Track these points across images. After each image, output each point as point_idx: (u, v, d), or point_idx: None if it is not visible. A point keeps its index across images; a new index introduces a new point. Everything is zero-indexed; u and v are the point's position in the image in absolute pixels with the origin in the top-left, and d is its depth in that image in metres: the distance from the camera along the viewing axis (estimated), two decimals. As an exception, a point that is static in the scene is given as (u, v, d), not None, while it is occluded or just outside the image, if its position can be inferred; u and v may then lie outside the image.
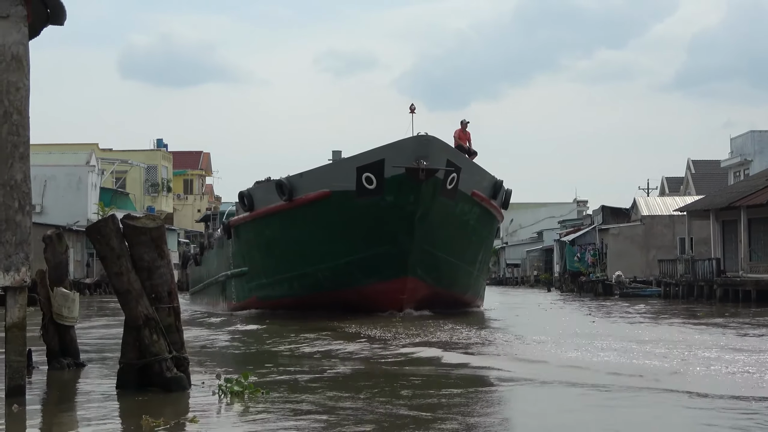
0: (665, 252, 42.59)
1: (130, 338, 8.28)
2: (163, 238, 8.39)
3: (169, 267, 8.46)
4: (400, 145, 21.79)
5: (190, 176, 70.77)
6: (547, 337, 15.89)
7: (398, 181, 21.76)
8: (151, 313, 8.21)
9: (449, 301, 24.84)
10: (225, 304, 28.68)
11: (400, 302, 22.88)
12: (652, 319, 22.46)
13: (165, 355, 8.24)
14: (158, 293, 8.32)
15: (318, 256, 23.29)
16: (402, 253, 22.41)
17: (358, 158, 22.35)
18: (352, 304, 23.10)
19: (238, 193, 25.64)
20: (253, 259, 25.59)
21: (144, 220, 8.45)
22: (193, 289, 39.70)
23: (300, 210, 23.23)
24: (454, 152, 22.78)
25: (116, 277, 8.28)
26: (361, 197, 22.17)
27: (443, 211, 22.69)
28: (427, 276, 23.33)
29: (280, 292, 24.82)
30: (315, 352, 14.03)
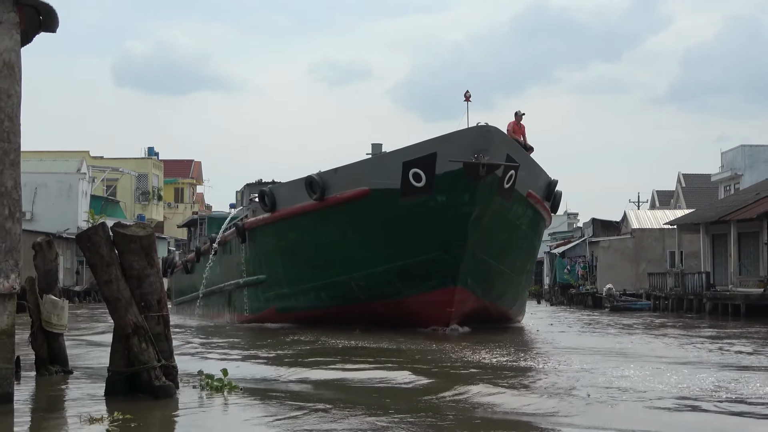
0: (655, 265, 40.96)
1: (119, 346, 8.01)
2: (153, 247, 8.14)
3: (158, 275, 8.15)
4: (456, 137, 17.91)
5: (181, 185, 67.55)
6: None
7: (452, 178, 17.96)
8: (141, 321, 7.94)
9: (495, 316, 20.96)
10: (232, 316, 24.56)
11: (446, 316, 18.92)
12: (711, 339, 17.80)
13: (154, 363, 7.96)
14: (148, 302, 8.08)
15: (352, 263, 19.35)
16: (452, 260, 18.51)
17: (405, 152, 18.36)
18: (389, 318, 19.23)
19: (258, 192, 21.50)
20: (273, 266, 21.49)
21: (134, 228, 8.15)
22: (179, 298, 35.10)
23: (333, 210, 19.27)
24: (515, 146, 18.92)
25: (106, 285, 8.03)
26: (407, 196, 18.23)
27: (498, 213, 18.95)
28: (476, 287, 19.47)
29: (305, 303, 20.77)
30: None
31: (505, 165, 18.10)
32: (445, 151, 17.85)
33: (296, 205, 20.08)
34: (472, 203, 18.06)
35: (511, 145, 18.56)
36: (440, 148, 17.91)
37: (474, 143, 17.67)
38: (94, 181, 53.07)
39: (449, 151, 17.80)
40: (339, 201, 19.18)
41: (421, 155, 18.06)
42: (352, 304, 19.69)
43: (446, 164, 17.85)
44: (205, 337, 18.66)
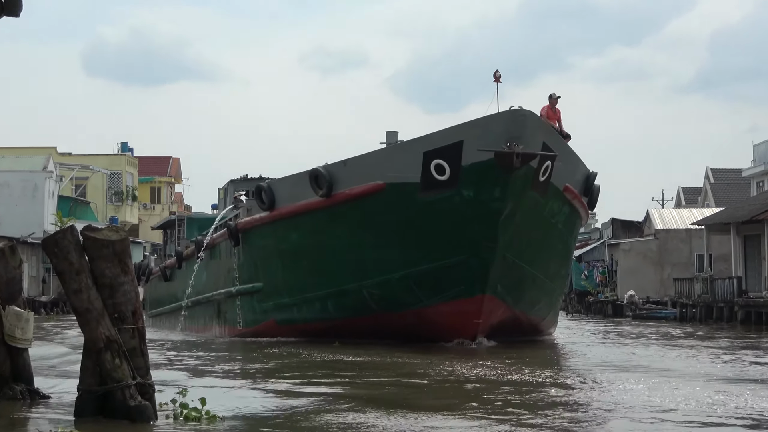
0: (681, 269, 40.57)
1: (89, 362, 7.96)
2: (127, 252, 8.12)
3: (133, 284, 8.15)
4: (485, 123, 17.23)
5: (158, 184, 66.77)
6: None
7: (481, 169, 17.27)
8: (114, 334, 7.93)
9: (526, 328, 20.28)
10: (222, 329, 23.88)
11: (473, 329, 18.25)
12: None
13: (128, 381, 7.91)
14: (121, 313, 8.02)
15: (364, 269, 18.73)
16: (480, 264, 17.82)
17: (426, 140, 17.68)
18: (406, 331, 18.61)
19: (255, 187, 20.70)
20: (271, 272, 20.81)
21: (106, 231, 8.14)
22: (156, 310, 34.39)
23: (341, 208, 18.65)
24: (552, 133, 18.20)
25: (75, 295, 7.99)
26: (428, 191, 17.62)
27: (532, 210, 18.28)
28: (507, 295, 18.77)
29: (309, 315, 20.10)
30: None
31: (541, 155, 17.45)
32: (472, 139, 17.23)
33: (299, 203, 19.48)
34: (503, 199, 17.46)
35: (547, 132, 17.94)
36: (467, 136, 17.29)
37: (506, 130, 17.02)
38: (61, 180, 52.79)
39: (478, 139, 17.18)
40: (349, 197, 18.59)
41: (444, 144, 17.46)
42: (364, 316, 19.05)
43: (474, 154, 17.22)
44: (189, 353, 18.15)
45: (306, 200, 19.18)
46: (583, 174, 19.97)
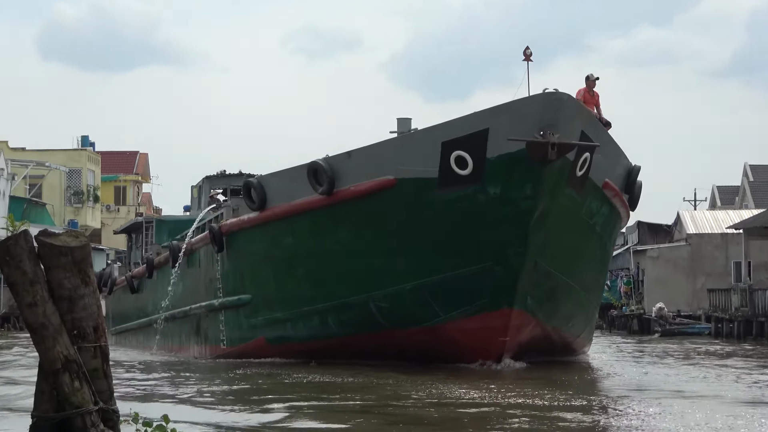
0: (716, 279, 40.46)
1: (45, 385, 7.79)
2: (88, 260, 7.90)
3: (95, 296, 7.91)
4: (516, 108, 16.47)
5: (123, 183, 66.72)
6: None
7: (510, 162, 16.61)
8: (73, 354, 7.72)
9: (558, 347, 19.64)
10: (202, 348, 23.13)
11: (498, 348, 17.60)
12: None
13: (89, 407, 7.69)
14: (81, 329, 7.80)
15: (371, 278, 18.12)
16: (508, 272, 17.20)
17: (445, 129, 16.97)
18: (420, 350, 18.08)
19: (243, 183, 19.89)
20: (261, 282, 20.10)
21: (64, 237, 7.88)
22: (121, 326, 33.63)
23: (345, 208, 18.04)
24: (591, 120, 17.45)
25: (29, 309, 7.78)
26: (447, 188, 17.04)
27: (567, 209, 17.61)
28: (538, 309, 18.09)
29: (306, 332, 19.44)
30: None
31: (580, 145, 16.69)
32: (500, 127, 16.43)
33: (295, 201, 18.73)
34: (535, 196, 16.74)
35: (587, 119, 17.14)
36: (493, 123, 16.49)
37: (540, 116, 16.22)
38: (13, 179, 52.30)
39: (506, 127, 16.37)
40: (354, 195, 17.86)
41: (467, 133, 16.69)
42: (371, 333, 18.36)
43: (502, 144, 16.46)
44: (162, 377, 17.65)
45: (303, 198, 18.50)
46: (625, 168, 19.29)
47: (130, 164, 68.63)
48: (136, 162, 69.12)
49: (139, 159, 69.79)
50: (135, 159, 69.37)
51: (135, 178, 68.20)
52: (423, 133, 17.43)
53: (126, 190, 67.12)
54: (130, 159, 69.09)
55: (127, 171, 67.56)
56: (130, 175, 67.68)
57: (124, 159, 68.58)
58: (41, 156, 58.31)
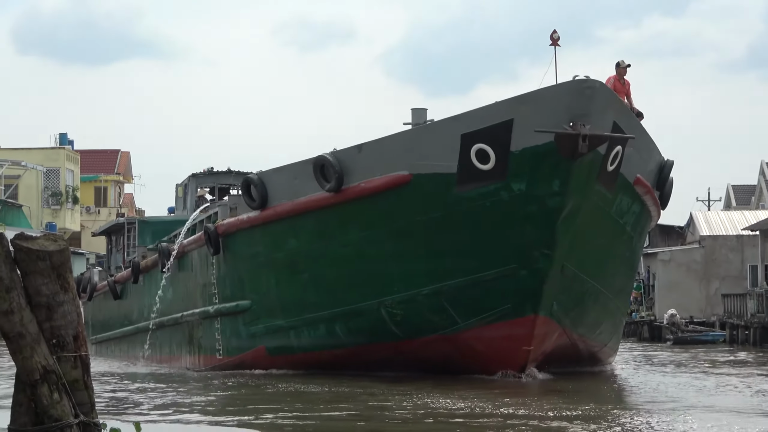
0: (731, 284, 40.61)
1: (23, 397, 7.74)
2: (67, 265, 7.80)
3: (75, 303, 7.83)
4: (543, 97, 16.03)
5: (104, 183, 66.06)
6: None
7: (536, 156, 16.15)
8: (52, 364, 7.69)
9: (584, 357, 19.23)
10: (196, 359, 22.67)
11: (522, 358, 17.16)
12: None
13: (69, 419, 7.61)
14: (60, 338, 7.76)
15: (383, 283, 17.66)
16: (533, 276, 16.75)
17: (464, 120, 16.50)
18: (436, 361, 17.66)
19: (243, 180, 19.40)
20: (262, 287, 19.62)
21: (42, 241, 7.87)
22: (103, 334, 33.15)
23: (355, 206, 17.55)
24: (624, 110, 16.97)
25: (5, 317, 7.69)
26: (467, 184, 16.58)
27: (597, 207, 17.17)
28: (564, 316, 17.65)
29: (310, 341, 18.99)
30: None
31: (612, 137, 16.23)
32: (525, 118, 15.96)
33: (300, 199, 18.22)
34: (563, 193, 16.24)
35: (619, 109, 16.68)
36: (518, 114, 16.03)
37: (570, 105, 15.75)
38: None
39: (532, 118, 15.91)
40: (364, 192, 17.36)
41: (489, 124, 16.21)
42: (383, 342, 17.93)
43: (527, 136, 15.98)
44: (150, 389, 17.14)
45: (308, 196, 18.00)
46: (657, 163, 18.84)
47: (111, 163, 68.31)
48: (117, 161, 68.83)
49: (121, 158, 69.46)
50: (116, 158, 69.04)
51: (116, 178, 67.84)
52: (441, 125, 16.96)
53: (107, 191, 66.75)
54: (111, 158, 68.77)
55: (107, 171, 67.19)
56: (111, 175, 67.30)
57: (105, 158, 68.25)
58: (17, 155, 58.09)
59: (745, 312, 35.73)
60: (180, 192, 32.16)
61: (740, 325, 35.78)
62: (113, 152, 69.29)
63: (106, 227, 37.20)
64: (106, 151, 68.93)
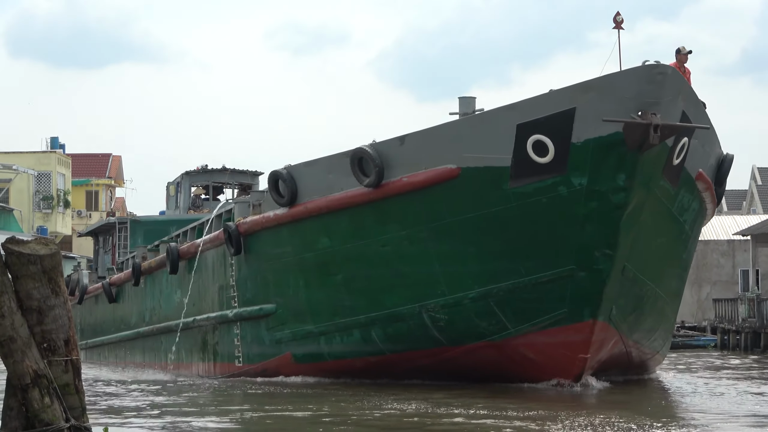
0: (722, 289, 40.33)
1: (14, 402, 7.76)
2: (58, 269, 7.90)
3: (66, 307, 7.82)
4: (610, 84, 14.31)
5: (95, 187, 64.69)
6: None
7: (601, 148, 14.41)
8: (43, 368, 7.70)
9: (635, 364, 17.56)
10: (210, 366, 20.80)
11: (578, 366, 15.39)
12: None
13: (60, 423, 7.68)
14: (51, 342, 7.74)
15: (425, 286, 15.99)
16: (593, 279, 15.01)
17: (520, 109, 14.80)
18: (483, 369, 15.99)
19: (269, 174, 17.45)
20: (289, 290, 17.81)
21: (33, 245, 7.94)
22: (95, 339, 31.19)
23: (396, 202, 15.84)
24: (693, 99, 15.31)
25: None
26: (523, 178, 14.92)
27: (660, 204, 15.56)
28: (622, 321, 15.93)
29: (343, 347, 17.24)
30: None
31: (685, 128, 14.65)
32: (589, 106, 14.25)
33: (333, 195, 16.50)
34: (628, 189, 14.53)
35: (689, 97, 15.00)
36: (581, 102, 14.31)
37: (639, 93, 14.05)
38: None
39: (597, 106, 14.19)
40: (407, 188, 15.62)
41: (548, 113, 14.51)
42: (424, 349, 16.21)
43: (590, 126, 14.28)
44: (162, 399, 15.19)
45: (344, 192, 16.24)
46: (717, 156, 17.25)
47: (103, 167, 66.96)
48: (108, 165, 67.59)
49: (112, 162, 68.26)
50: (108, 162, 67.80)
51: (108, 182, 66.57)
52: (494, 114, 15.22)
53: (98, 195, 65.46)
54: (102, 162, 67.47)
55: (99, 174, 65.84)
56: (103, 179, 66.02)
57: (96, 162, 66.87)
58: (8, 158, 56.30)
59: (736, 317, 35.29)
60: (172, 191, 30.25)
61: (731, 330, 35.28)
62: (105, 156, 68.33)
63: (93, 227, 35.33)
64: (98, 155, 67.86)
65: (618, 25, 14.78)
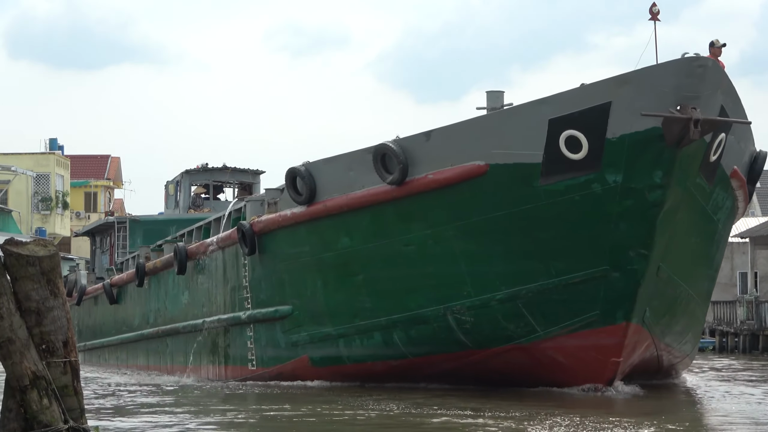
0: (720, 291, 39.13)
1: (12, 403, 7.76)
2: (57, 271, 7.90)
3: (65, 309, 7.82)
4: (647, 76, 13.59)
5: (93, 188, 63.98)
6: None
7: (637, 143, 13.67)
8: (41, 369, 7.65)
9: (664, 368, 16.82)
10: (220, 369, 19.98)
11: (610, 371, 14.66)
12: None
13: (59, 425, 7.67)
14: (50, 343, 7.74)
15: (451, 286, 15.24)
16: (626, 280, 14.28)
17: (553, 103, 14.06)
18: (510, 373, 15.24)
19: (287, 171, 16.66)
20: (307, 291, 17.05)
21: (32, 246, 7.94)
22: (94, 341, 30.35)
23: (421, 201, 15.11)
24: (731, 92, 14.62)
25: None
26: (554, 175, 14.15)
27: (696, 202, 14.90)
28: (655, 323, 15.22)
29: (363, 351, 16.49)
30: None
31: (726, 122, 13.97)
32: (625, 100, 13.52)
33: (354, 193, 15.76)
34: (665, 186, 13.81)
35: (727, 91, 14.32)
36: (617, 96, 13.57)
37: (679, 86, 13.34)
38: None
39: (634, 100, 13.47)
40: (432, 185, 14.88)
41: (582, 108, 13.76)
42: (448, 352, 15.46)
43: (626, 121, 13.55)
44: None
45: (365, 189, 15.50)
46: (751, 153, 16.54)
47: (101, 169, 66.19)
48: (107, 167, 66.81)
49: (111, 163, 67.49)
50: (106, 163, 67.05)
51: (106, 183, 65.72)
52: (524, 109, 14.46)
53: (97, 197, 64.60)
54: (101, 163, 66.70)
55: (98, 176, 65.15)
56: (101, 180, 65.26)
57: (95, 163, 66.15)
58: (7, 160, 55.65)
59: (734, 319, 35.09)
60: (171, 190, 29.40)
61: (729, 332, 35.06)
62: (103, 158, 67.65)
63: (90, 227, 34.43)
64: (97, 157, 67.18)
65: (654, 17, 14.04)
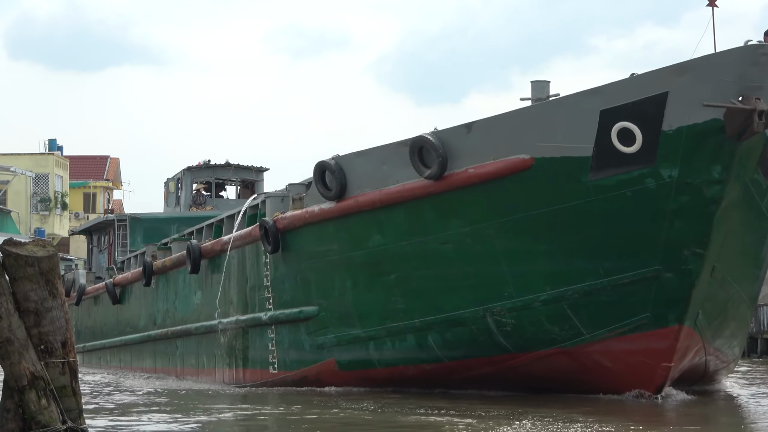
0: None
1: (11, 403, 7.68)
2: (56, 271, 7.85)
3: (63, 309, 7.76)
4: (707, 65, 12.37)
5: (93, 189, 63.52)
6: None
7: (696, 136, 12.50)
8: (40, 370, 7.58)
9: (709, 374, 15.48)
10: (237, 373, 18.71)
11: (660, 376, 13.42)
12: None
13: (57, 425, 7.61)
14: (49, 344, 7.67)
15: (492, 286, 14.04)
16: (680, 280, 13.07)
17: (604, 93, 12.87)
18: (553, 378, 14.08)
19: (315, 165, 15.42)
20: (335, 291, 15.88)
21: (31, 246, 7.87)
22: (94, 342, 29.19)
23: (461, 196, 13.93)
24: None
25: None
26: (605, 170, 12.98)
27: (752, 199, 13.64)
28: (707, 327, 14.04)
29: (395, 354, 15.25)
30: None
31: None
32: (684, 91, 12.34)
33: (388, 188, 14.56)
34: (724, 182, 12.66)
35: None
36: (675, 86, 12.40)
37: (742, 76, 12.18)
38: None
39: (692, 91, 12.30)
40: (473, 180, 13.69)
41: (636, 98, 12.61)
42: (487, 356, 14.30)
43: (685, 113, 12.39)
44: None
45: (401, 184, 14.31)
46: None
47: (101, 170, 65.47)
48: (106, 167, 66.06)
49: (110, 164, 66.73)
50: (105, 164, 66.26)
51: (105, 184, 65.09)
52: (574, 99, 13.27)
53: (96, 197, 63.95)
54: (100, 164, 65.95)
55: (97, 177, 64.47)
56: (101, 181, 64.62)
57: (94, 164, 65.40)
58: (6, 160, 55.23)
59: None
60: (172, 187, 28.33)
61: None
62: (102, 158, 67.05)
63: (87, 225, 33.12)
64: (96, 158, 66.63)
65: (712, 3, 12.93)
